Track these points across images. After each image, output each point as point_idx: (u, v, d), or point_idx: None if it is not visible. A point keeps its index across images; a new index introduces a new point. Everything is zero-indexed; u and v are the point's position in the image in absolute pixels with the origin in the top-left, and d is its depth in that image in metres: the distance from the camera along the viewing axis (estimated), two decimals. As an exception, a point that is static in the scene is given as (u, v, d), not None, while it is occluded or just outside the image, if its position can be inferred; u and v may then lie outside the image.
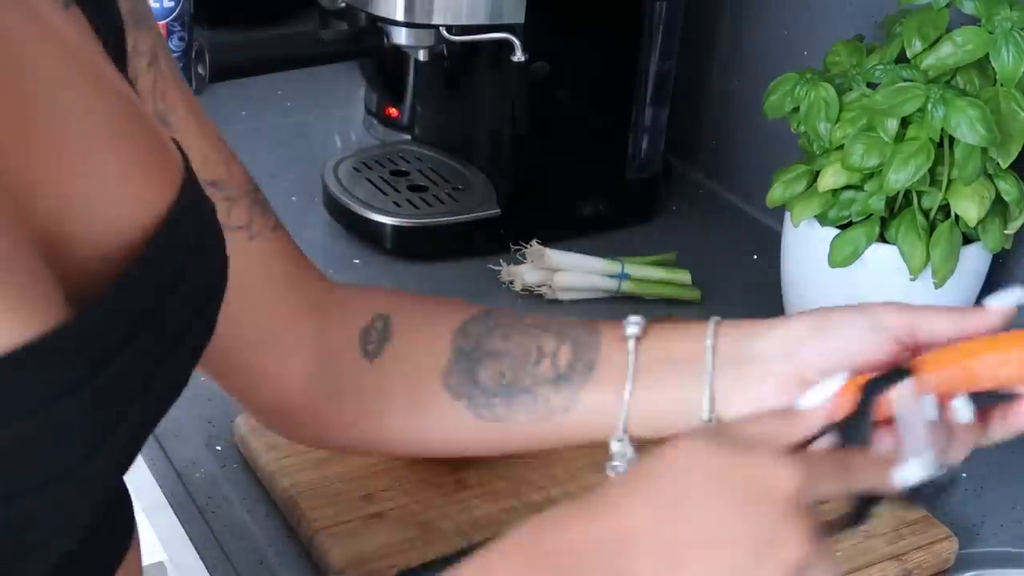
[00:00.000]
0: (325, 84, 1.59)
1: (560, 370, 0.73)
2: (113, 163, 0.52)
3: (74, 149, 0.50)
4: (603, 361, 0.73)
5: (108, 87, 0.54)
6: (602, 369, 0.73)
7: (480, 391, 0.75)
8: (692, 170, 1.51)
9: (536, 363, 0.74)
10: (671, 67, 1.31)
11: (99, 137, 0.52)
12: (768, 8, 1.37)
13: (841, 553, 0.91)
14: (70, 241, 0.49)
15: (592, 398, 0.73)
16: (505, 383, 0.74)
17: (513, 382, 0.74)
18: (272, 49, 1.27)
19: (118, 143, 0.53)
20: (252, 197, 0.76)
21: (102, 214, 0.51)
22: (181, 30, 1.51)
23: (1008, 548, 0.98)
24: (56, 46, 0.51)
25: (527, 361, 0.74)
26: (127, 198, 0.52)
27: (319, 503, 0.91)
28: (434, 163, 1.36)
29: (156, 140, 0.56)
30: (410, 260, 1.27)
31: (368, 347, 0.77)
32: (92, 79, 0.53)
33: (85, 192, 0.50)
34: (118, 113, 0.54)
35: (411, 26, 1.19)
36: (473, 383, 0.75)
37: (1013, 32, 0.99)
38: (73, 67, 0.52)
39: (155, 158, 0.55)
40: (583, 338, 0.74)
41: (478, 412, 0.75)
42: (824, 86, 1.05)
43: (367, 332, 0.77)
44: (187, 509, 0.94)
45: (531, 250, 1.23)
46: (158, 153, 0.55)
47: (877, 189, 1.02)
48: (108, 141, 0.53)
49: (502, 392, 0.74)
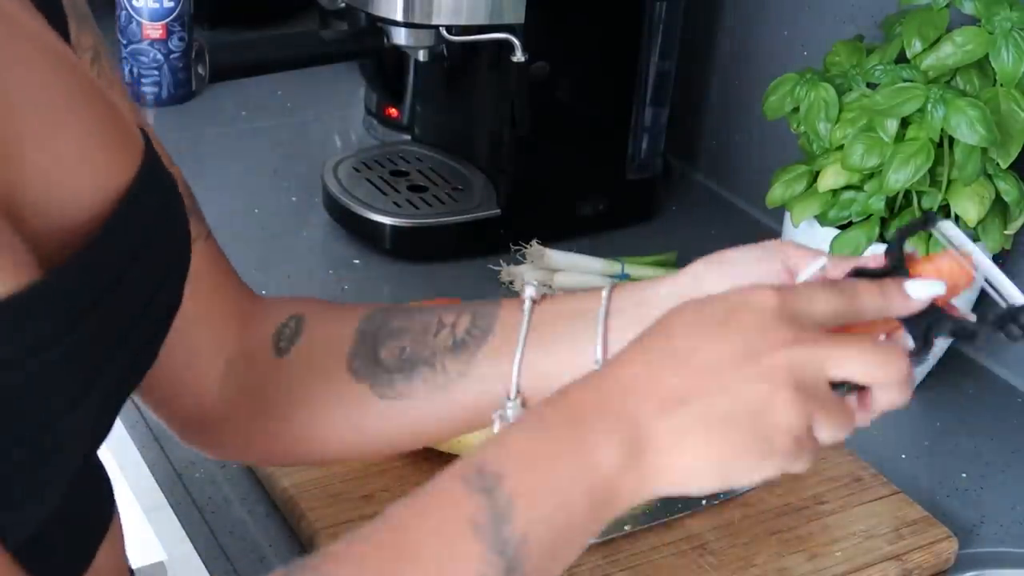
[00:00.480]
0: (325, 84, 1.59)
1: (457, 337, 0.73)
2: (72, 138, 0.54)
3: (32, 124, 0.52)
4: (499, 325, 0.72)
5: (64, 66, 0.55)
6: (498, 333, 0.72)
7: (382, 370, 0.74)
8: (692, 170, 1.51)
9: (436, 333, 0.73)
10: (671, 67, 1.31)
11: (57, 111, 0.54)
12: (768, 8, 1.37)
13: (841, 553, 0.91)
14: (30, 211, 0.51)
15: (486, 361, 0.72)
16: (405, 357, 0.73)
17: (413, 356, 0.73)
18: (272, 49, 1.27)
19: (76, 117, 0.55)
20: (189, 203, 0.75)
21: (61, 186, 0.53)
22: (181, 30, 1.51)
23: (1008, 548, 0.98)
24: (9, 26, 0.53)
25: (427, 333, 0.74)
26: (86, 171, 0.54)
27: (319, 503, 0.91)
28: (434, 163, 1.36)
29: (114, 116, 0.57)
30: (410, 260, 1.28)
31: (280, 345, 0.77)
32: (47, 59, 0.54)
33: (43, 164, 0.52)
34: (75, 89, 0.55)
35: (411, 26, 1.19)
36: (375, 363, 0.74)
37: (1013, 32, 0.99)
38: (27, 49, 0.53)
39: (114, 133, 0.56)
40: (483, 308, 0.74)
41: (380, 392, 0.74)
42: (824, 86, 1.05)
43: (280, 331, 0.77)
44: (187, 509, 0.94)
45: (531, 250, 1.23)
46: (116, 128, 0.57)
47: (877, 189, 1.02)
48: (66, 115, 0.54)
49: (403, 367, 0.73)
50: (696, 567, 0.89)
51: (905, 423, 1.10)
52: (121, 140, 0.57)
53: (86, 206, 0.53)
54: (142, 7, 1.48)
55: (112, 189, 0.54)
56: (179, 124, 1.49)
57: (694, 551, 0.91)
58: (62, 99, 0.54)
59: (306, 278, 1.23)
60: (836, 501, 0.96)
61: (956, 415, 1.13)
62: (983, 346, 1.20)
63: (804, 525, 0.94)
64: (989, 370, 1.19)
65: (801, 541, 0.92)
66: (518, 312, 0.72)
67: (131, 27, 1.49)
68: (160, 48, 1.50)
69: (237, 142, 1.48)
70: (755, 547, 0.91)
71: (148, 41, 1.49)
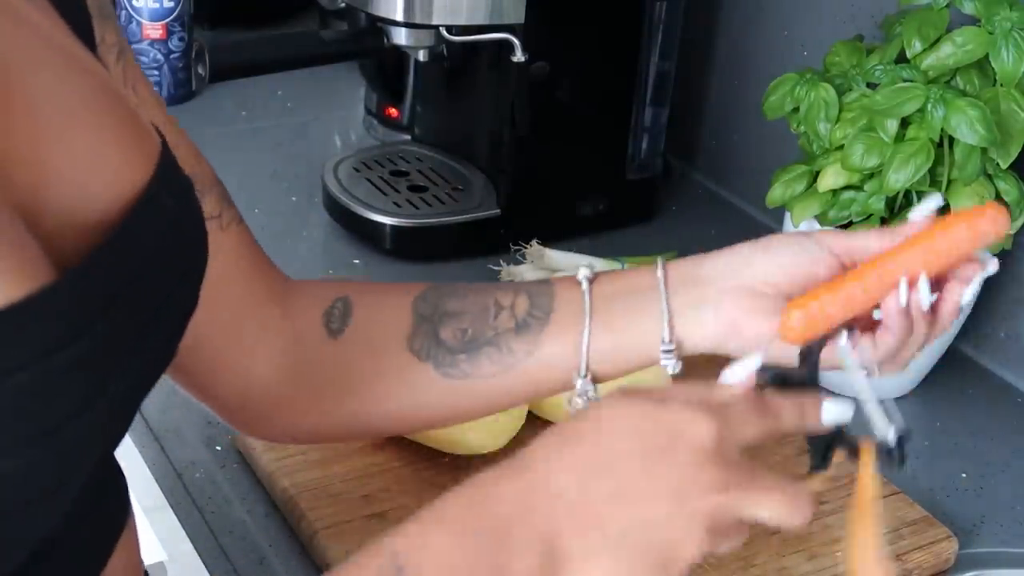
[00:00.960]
0: (325, 84, 1.59)
1: (519, 319, 0.75)
2: (88, 139, 0.54)
3: (50, 126, 0.52)
4: (559, 305, 0.75)
5: (81, 68, 0.56)
6: (559, 312, 0.75)
7: (445, 350, 0.76)
8: (692, 170, 1.51)
9: (495, 316, 0.76)
10: (671, 67, 1.31)
11: (74, 114, 0.54)
12: (768, 8, 1.37)
13: (841, 553, 0.91)
14: (46, 212, 0.51)
15: (553, 341, 0.75)
16: (467, 339, 0.76)
17: (475, 336, 0.76)
18: (272, 49, 1.27)
19: (93, 120, 0.55)
20: (220, 189, 0.78)
21: (77, 187, 0.53)
22: (181, 30, 1.51)
23: (1008, 548, 0.99)
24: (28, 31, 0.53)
25: (487, 315, 0.76)
26: (103, 172, 0.54)
27: (319, 503, 0.91)
28: (434, 163, 1.36)
29: (131, 118, 0.57)
30: (410, 260, 1.27)
31: (331, 326, 0.79)
32: (64, 61, 0.55)
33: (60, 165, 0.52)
34: (92, 92, 0.55)
35: (411, 26, 1.19)
36: (437, 343, 0.76)
37: (1013, 32, 0.99)
38: (45, 52, 0.54)
39: (130, 134, 0.56)
40: (537, 288, 0.77)
41: (444, 371, 0.76)
42: (824, 86, 1.05)
43: (329, 313, 0.79)
44: (187, 509, 0.94)
45: (531, 250, 1.23)
46: (133, 129, 0.57)
47: (877, 189, 1.02)
48: (83, 118, 0.54)
49: (466, 348, 0.76)
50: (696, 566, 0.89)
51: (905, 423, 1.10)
52: (137, 141, 0.57)
53: (101, 207, 0.53)
54: (142, 7, 1.48)
55: (127, 190, 0.55)
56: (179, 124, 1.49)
57: (694, 551, 0.91)
58: (77, 100, 0.54)
59: (306, 278, 1.23)
60: (836, 501, 0.96)
61: (956, 415, 1.13)
62: (983, 346, 1.20)
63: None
64: (989, 370, 1.19)
65: (801, 541, 0.92)
66: (572, 291, 0.75)
67: (131, 27, 1.49)
68: (160, 48, 1.50)
69: (237, 142, 1.48)
70: (755, 547, 0.91)
71: (148, 41, 1.50)
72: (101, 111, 0.56)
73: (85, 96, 0.55)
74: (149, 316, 0.54)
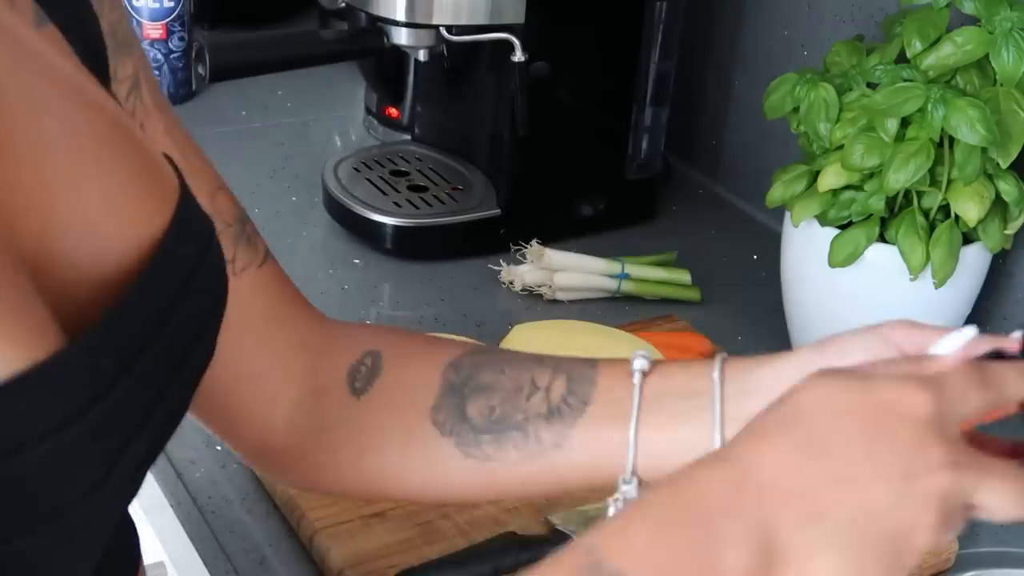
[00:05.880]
0: (325, 84, 1.59)
1: (552, 404, 0.69)
2: (99, 184, 0.51)
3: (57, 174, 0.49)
4: (598, 395, 0.69)
5: (91, 107, 0.52)
6: (596, 404, 0.68)
7: (468, 427, 0.71)
8: (692, 170, 1.51)
9: (528, 397, 0.70)
10: (671, 67, 1.31)
11: (83, 161, 0.51)
12: (768, 8, 1.37)
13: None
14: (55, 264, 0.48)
15: (585, 434, 0.68)
16: (495, 419, 0.70)
17: (503, 417, 0.70)
18: (272, 49, 1.27)
19: (103, 165, 0.52)
20: (238, 229, 0.73)
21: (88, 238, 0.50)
22: (181, 30, 1.51)
23: (1008, 548, 0.98)
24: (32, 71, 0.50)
25: (519, 395, 0.70)
26: (115, 221, 0.51)
27: (319, 503, 0.91)
28: (434, 163, 1.36)
29: (146, 159, 0.54)
30: (410, 260, 1.27)
31: (356, 384, 0.74)
32: (73, 100, 0.51)
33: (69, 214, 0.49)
34: (102, 134, 0.52)
35: (411, 26, 1.19)
36: (461, 419, 0.71)
37: (1013, 32, 0.99)
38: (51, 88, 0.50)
39: (145, 179, 0.53)
40: (579, 371, 0.70)
41: (466, 450, 0.70)
42: (824, 86, 1.05)
43: (356, 369, 0.74)
44: (187, 509, 0.94)
45: (531, 250, 1.23)
46: (148, 173, 0.54)
47: (877, 189, 1.02)
48: (92, 163, 0.51)
49: (491, 428, 0.70)
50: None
51: None
52: (152, 184, 0.53)
53: (114, 259, 0.50)
54: (142, 7, 1.48)
55: (143, 239, 0.51)
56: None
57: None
58: (88, 143, 0.51)
59: (306, 278, 1.23)
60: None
61: (956, 415, 1.13)
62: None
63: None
64: (989, 370, 1.19)
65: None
66: (617, 380, 0.69)
67: (131, 27, 1.49)
68: (160, 48, 1.50)
69: (237, 142, 1.48)
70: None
71: (148, 41, 1.49)
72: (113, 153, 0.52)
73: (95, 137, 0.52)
74: (166, 374, 0.51)
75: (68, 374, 0.45)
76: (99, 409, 0.45)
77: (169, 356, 0.51)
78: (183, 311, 0.52)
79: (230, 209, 0.72)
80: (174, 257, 0.52)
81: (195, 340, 0.54)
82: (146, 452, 0.52)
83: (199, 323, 0.55)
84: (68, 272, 0.49)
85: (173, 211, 0.53)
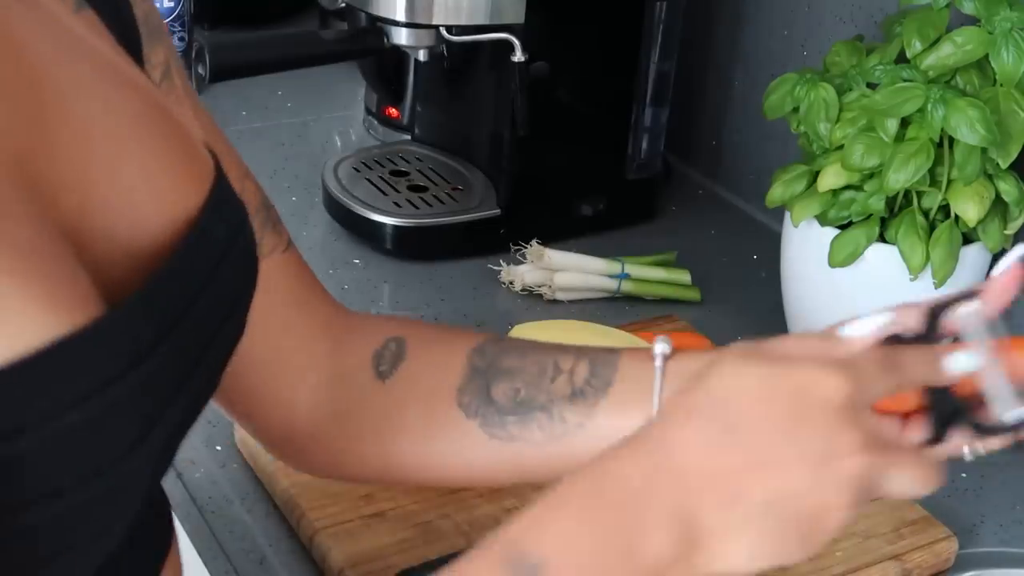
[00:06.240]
0: (325, 84, 1.59)
1: (576, 386, 0.71)
2: (137, 162, 0.53)
3: (96, 151, 0.51)
4: (620, 379, 0.70)
5: (130, 88, 0.54)
6: (618, 386, 0.70)
7: (494, 409, 0.72)
8: (692, 170, 1.51)
9: (552, 379, 0.71)
10: (671, 67, 1.31)
11: (121, 138, 0.52)
12: (768, 8, 1.37)
13: (841, 553, 0.91)
14: (94, 238, 0.50)
15: (607, 415, 0.70)
16: (519, 400, 0.71)
17: (528, 399, 0.72)
18: (272, 49, 1.27)
19: (141, 143, 0.53)
20: (263, 215, 0.75)
21: (126, 214, 0.52)
22: (181, 30, 1.51)
23: (1008, 548, 0.98)
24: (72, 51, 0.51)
25: (543, 378, 0.72)
26: (152, 198, 0.53)
27: (319, 503, 0.91)
28: (434, 163, 1.36)
29: (182, 140, 0.55)
30: (410, 260, 1.28)
31: (380, 368, 0.75)
32: (112, 81, 0.53)
33: (109, 190, 0.51)
34: (140, 113, 0.54)
35: (411, 26, 1.19)
36: (487, 401, 0.72)
37: (1013, 32, 0.99)
38: (91, 70, 0.52)
39: (182, 157, 0.55)
40: (601, 356, 0.72)
41: (491, 431, 0.72)
42: (824, 86, 1.05)
43: (380, 353, 0.76)
44: (187, 509, 0.94)
45: (531, 250, 1.23)
46: (185, 153, 0.55)
47: (877, 189, 1.02)
48: (130, 142, 0.53)
49: (516, 410, 0.72)
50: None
51: None
52: (188, 164, 0.55)
53: (151, 234, 0.52)
54: (142, 7, 1.48)
55: (180, 216, 0.53)
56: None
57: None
58: (127, 122, 0.53)
59: (306, 278, 1.23)
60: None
61: (956, 415, 1.13)
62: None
63: (804, 525, 0.94)
64: (989, 370, 1.19)
65: (801, 541, 0.92)
66: (639, 366, 0.70)
67: (131, 27, 1.49)
68: (160, 48, 1.50)
69: (237, 142, 1.47)
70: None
71: (148, 41, 1.50)
72: (152, 132, 0.54)
73: (134, 117, 0.53)
74: (199, 347, 0.53)
75: (108, 339, 0.47)
76: (137, 373, 0.47)
77: (201, 331, 0.53)
78: (215, 289, 0.54)
79: (257, 194, 0.75)
80: (209, 236, 0.54)
81: (226, 318, 0.56)
82: (179, 423, 0.54)
83: (230, 302, 0.56)
84: (106, 246, 0.51)
85: (208, 192, 0.55)
